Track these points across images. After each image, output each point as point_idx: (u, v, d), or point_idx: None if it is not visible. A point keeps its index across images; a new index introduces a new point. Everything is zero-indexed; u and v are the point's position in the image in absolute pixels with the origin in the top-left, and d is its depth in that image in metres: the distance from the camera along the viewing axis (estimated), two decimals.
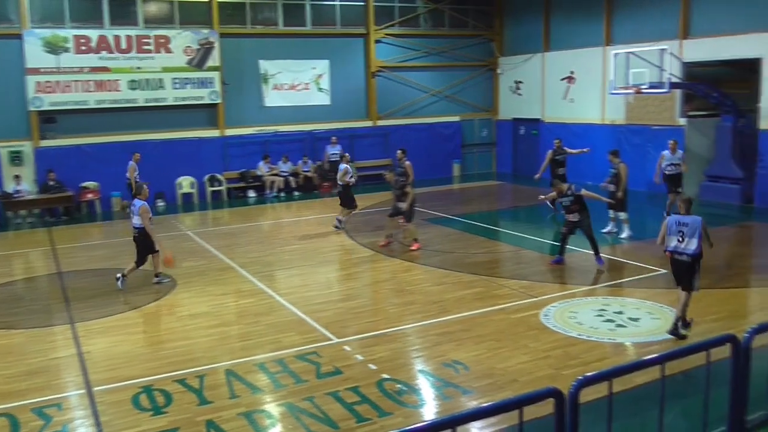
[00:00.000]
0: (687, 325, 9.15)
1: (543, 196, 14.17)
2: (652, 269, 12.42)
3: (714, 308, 10.16)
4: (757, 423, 6.12)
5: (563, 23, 24.17)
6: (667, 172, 16.24)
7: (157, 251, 12.45)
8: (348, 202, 16.80)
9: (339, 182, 16.70)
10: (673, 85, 17.99)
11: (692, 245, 8.89)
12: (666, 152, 16.30)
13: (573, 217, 12.68)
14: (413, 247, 14.47)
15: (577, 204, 12.58)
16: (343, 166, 16.67)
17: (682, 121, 20.12)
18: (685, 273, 9.08)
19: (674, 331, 8.99)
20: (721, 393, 5.85)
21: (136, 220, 12.25)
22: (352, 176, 16.79)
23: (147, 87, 21.46)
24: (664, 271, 12.21)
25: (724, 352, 5.79)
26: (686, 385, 7.10)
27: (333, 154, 23.38)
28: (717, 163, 19.19)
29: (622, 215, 14.97)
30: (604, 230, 15.20)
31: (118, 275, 12.18)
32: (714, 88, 18.69)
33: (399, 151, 15.68)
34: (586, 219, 12.66)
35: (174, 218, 19.49)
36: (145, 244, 12.32)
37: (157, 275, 12.49)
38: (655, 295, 10.97)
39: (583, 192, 12.59)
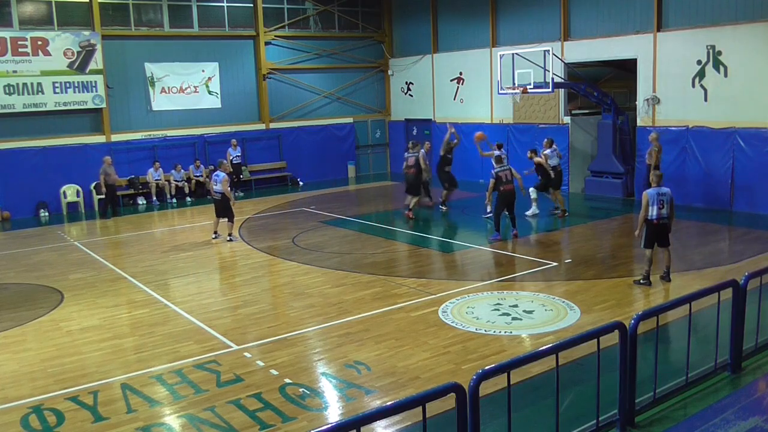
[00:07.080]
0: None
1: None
2: (543, 263, 12.87)
3: (602, 297, 10.64)
4: (645, 405, 6.45)
5: (450, 25, 24.66)
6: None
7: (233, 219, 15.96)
8: None
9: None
10: (557, 85, 18.67)
11: (669, 210, 10.81)
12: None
13: None
14: None
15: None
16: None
17: (567, 120, 20.95)
18: (665, 234, 10.93)
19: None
20: (612, 378, 6.13)
21: (218, 187, 15.44)
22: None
23: (25, 92, 20.40)
24: (555, 264, 12.74)
25: (613, 338, 6.08)
26: (580, 372, 7.39)
27: (236, 156, 23.00)
28: (599, 159, 20.08)
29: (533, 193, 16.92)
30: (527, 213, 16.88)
31: (226, 237, 15.73)
32: (594, 87, 19.57)
33: None
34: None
35: (59, 228, 18.60)
36: (225, 206, 15.55)
37: (230, 235, 15.82)
38: (548, 287, 11.38)
39: (491, 182, 14.55)
